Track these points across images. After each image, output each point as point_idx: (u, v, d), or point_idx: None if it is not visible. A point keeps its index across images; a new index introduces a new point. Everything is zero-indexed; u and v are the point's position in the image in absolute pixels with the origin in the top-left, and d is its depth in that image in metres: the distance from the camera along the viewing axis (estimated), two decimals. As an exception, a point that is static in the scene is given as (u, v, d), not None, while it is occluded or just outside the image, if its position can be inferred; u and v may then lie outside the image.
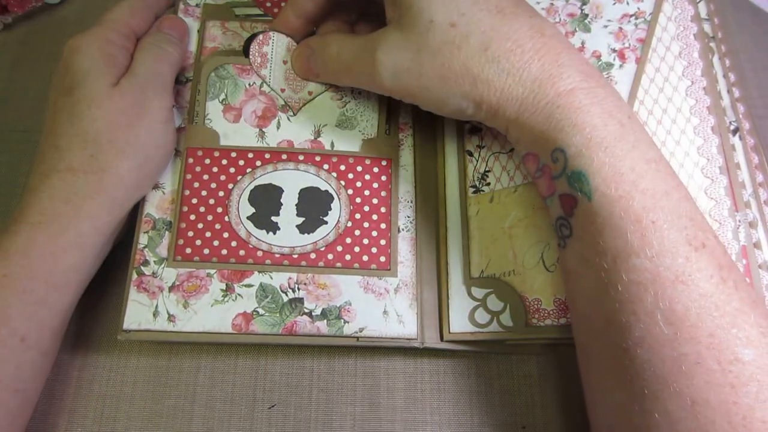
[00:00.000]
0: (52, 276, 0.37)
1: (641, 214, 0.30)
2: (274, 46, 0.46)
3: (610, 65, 0.42)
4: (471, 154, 0.44)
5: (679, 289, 0.29)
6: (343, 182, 0.44)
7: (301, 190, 0.44)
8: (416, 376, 0.44)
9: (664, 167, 0.32)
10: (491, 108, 0.36)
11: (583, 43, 0.43)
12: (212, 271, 0.41)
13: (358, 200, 0.44)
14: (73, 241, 0.38)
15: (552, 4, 0.46)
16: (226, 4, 0.49)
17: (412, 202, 0.45)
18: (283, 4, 0.50)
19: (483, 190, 0.43)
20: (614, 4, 0.44)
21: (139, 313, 0.40)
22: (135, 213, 0.44)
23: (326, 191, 0.44)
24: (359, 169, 0.45)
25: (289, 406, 0.43)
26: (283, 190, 0.44)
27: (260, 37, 0.46)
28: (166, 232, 0.42)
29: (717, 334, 0.28)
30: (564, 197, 0.34)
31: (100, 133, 0.38)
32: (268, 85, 0.45)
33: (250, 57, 0.45)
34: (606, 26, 0.43)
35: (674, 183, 0.32)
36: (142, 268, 0.41)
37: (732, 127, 0.39)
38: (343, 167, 0.45)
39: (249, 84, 0.45)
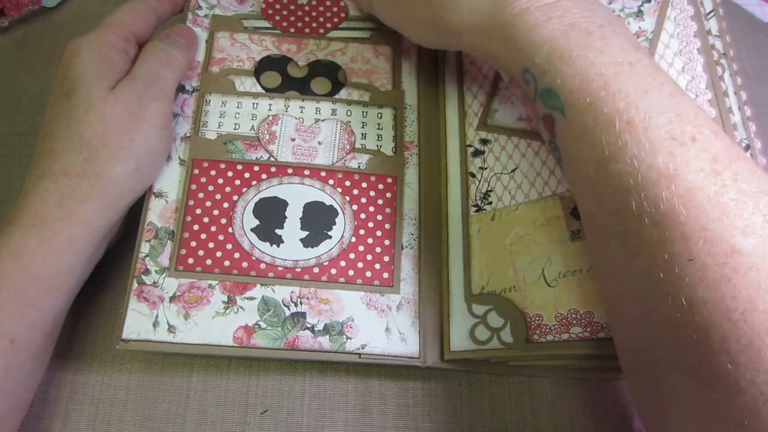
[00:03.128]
0: (43, 279, 0.37)
1: (613, 117, 0.29)
2: (283, 126, 0.46)
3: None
4: (474, 176, 0.44)
5: (663, 187, 0.27)
6: (347, 198, 0.44)
7: (305, 204, 0.44)
8: (408, 383, 0.44)
9: (641, 68, 0.31)
10: (459, 37, 0.37)
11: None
12: (214, 283, 0.41)
13: (362, 216, 0.44)
14: (65, 245, 0.37)
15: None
16: (235, 15, 0.49)
17: (415, 219, 0.45)
18: (292, 18, 0.50)
19: (485, 209, 0.43)
20: (615, 24, 0.44)
21: (138, 322, 0.39)
22: (130, 218, 0.43)
23: (331, 206, 0.44)
24: (364, 185, 0.45)
25: (281, 411, 0.43)
26: (287, 204, 0.43)
27: (270, 117, 0.46)
28: (168, 242, 0.42)
29: (710, 227, 0.26)
30: (545, 119, 0.34)
31: (95, 137, 0.38)
32: (275, 159, 0.45)
33: (259, 134, 0.45)
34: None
35: (656, 81, 0.30)
36: (143, 277, 0.40)
37: (743, 145, 0.39)
38: (348, 183, 0.44)
39: (257, 158, 0.45)
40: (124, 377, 0.43)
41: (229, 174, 0.44)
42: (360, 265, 0.43)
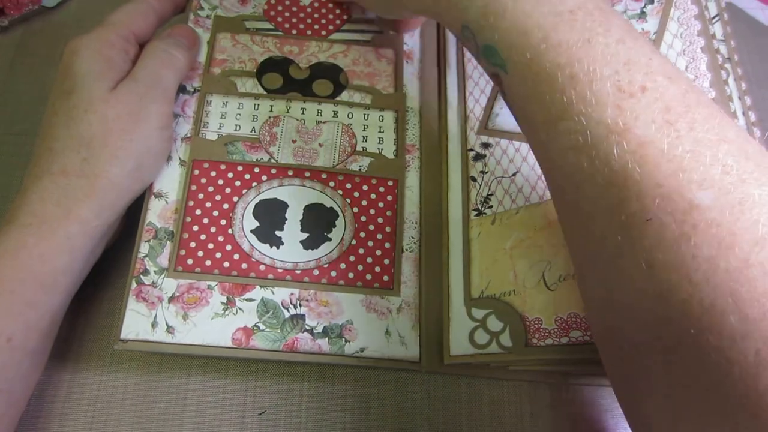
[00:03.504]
0: (40, 277, 0.36)
1: (555, 73, 0.27)
2: (284, 127, 0.46)
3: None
4: (474, 180, 0.44)
5: (612, 143, 0.26)
6: (348, 200, 0.44)
7: (306, 206, 0.43)
8: (407, 384, 0.43)
9: (584, 14, 0.28)
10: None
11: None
12: (213, 284, 0.41)
13: (363, 219, 0.44)
14: (63, 244, 0.37)
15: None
16: (237, 16, 0.49)
17: (416, 223, 0.45)
18: (294, 20, 0.50)
19: (485, 213, 0.43)
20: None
21: (137, 323, 0.39)
22: (128, 217, 0.43)
23: (331, 208, 0.44)
24: (365, 188, 0.44)
25: (279, 412, 0.42)
26: (288, 206, 0.43)
27: (271, 119, 0.46)
28: (168, 242, 0.41)
29: (665, 183, 0.24)
30: (493, 77, 0.32)
31: (95, 137, 0.38)
32: (276, 161, 0.45)
33: (260, 136, 0.45)
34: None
35: (601, 28, 0.28)
36: (142, 277, 0.40)
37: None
38: (349, 185, 0.44)
39: (257, 159, 0.45)
40: (121, 377, 0.43)
41: (230, 175, 0.44)
42: (360, 267, 0.42)
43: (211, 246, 0.42)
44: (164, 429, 0.41)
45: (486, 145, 0.45)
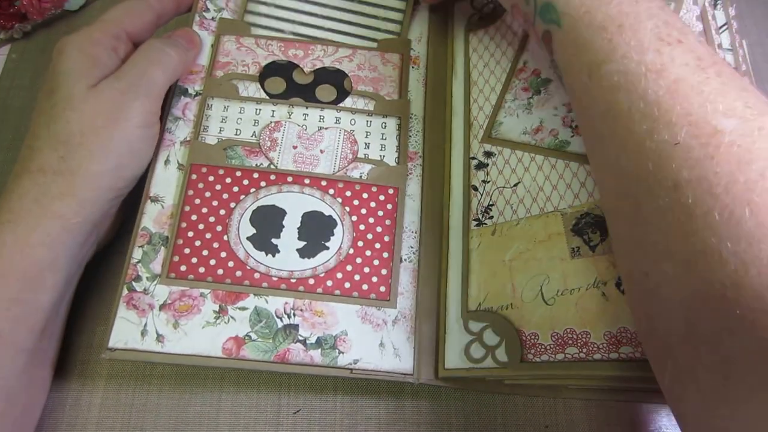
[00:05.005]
0: (23, 273, 0.36)
1: (606, 22, 0.32)
2: (285, 133, 0.45)
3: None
4: (476, 189, 0.43)
5: (651, 79, 0.29)
6: (347, 208, 0.43)
7: (304, 213, 0.43)
8: (402, 399, 0.43)
9: None
10: None
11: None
12: (206, 291, 0.40)
13: (361, 227, 0.43)
14: (42, 240, 0.37)
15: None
16: (242, 20, 0.49)
17: (416, 232, 0.43)
18: (299, 24, 0.49)
19: (486, 223, 0.42)
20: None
21: (126, 331, 0.38)
22: (124, 213, 0.44)
23: (330, 216, 0.43)
24: (365, 196, 0.44)
25: (314, 410, 0.42)
26: (286, 213, 0.42)
27: (272, 124, 0.45)
28: (162, 248, 0.41)
29: (694, 113, 0.28)
30: (545, 37, 0.37)
31: (72, 135, 0.38)
32: (276, 167, 0.44)
33: (260, 141, 0.45)
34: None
35: None
36: (134, 283, 0.40)
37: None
38: (348, 193, 0.43)
39: (257, 165, 0.44)
40: (155, 381, 0.43)
41: (228, 180, 0.43)
42: (357, 277, 0.41)
43: (205, 252, 0.41)
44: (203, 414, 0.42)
45: (489, 154, 0.44)
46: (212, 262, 0.41)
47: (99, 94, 0.39)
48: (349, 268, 0.42)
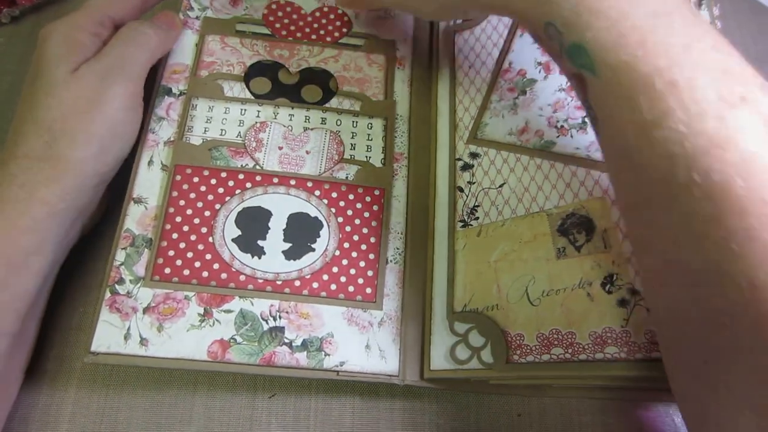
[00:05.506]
0: (9, 258, 0.36)
1: (653, 77, 0.26)
2: (271, 133, 0.45)
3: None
4: (462, 190, 0.43)
5: (715, 156, 0.24)
6: (333, 209, 0.43)
7: (290, 215, 0.42)
8: (390, 401, 0.43)
9: (680, 18, 0.28)
10: None
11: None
12: (191, 294, 0.40)
13: (347, 229, 0.42)
14: (29, 225, 0.37)
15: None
16: (232, 18, 0.48)
17: (402, 233, 0.43)
18: (292, 27, 0.49)
19: (471, 225, 0.42)
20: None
21: (109, 335, 0.38)
22: (108, 205, 0.43)
23: (316, 218, 0.43)
24: (351, 197, 0.43)
25: (288, 394, 0.42)
26: (271, 214, 0.42)
27: (257, 124, 0.45)
28: (146, 250, 0.40)
29: None
30: (575, 77, 0.31)
31: (55, 121, 0.38)
32: (261, 168, 0.44)
33: (246, 141, 0.44)
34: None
35: (698, 33, 0.27)
36: (117, 286, 0.39)
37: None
38: (334, 194, 0.43)
39: (242, 165, 0.44)
40: (131, 380, 0.43)
41: (213, 181, 0.43)
42: (343, 279, 0.41)
43: (190, 255, 0.41)
44: (176, 413, 0.42)
45: (474, 155, 0.43)
46: (197, 264, 0.40)
47: (79, 79, 0.39)
48: (335, 269, 0.41)
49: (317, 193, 0.43)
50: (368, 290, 0.41)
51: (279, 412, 0.42)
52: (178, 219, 0.41)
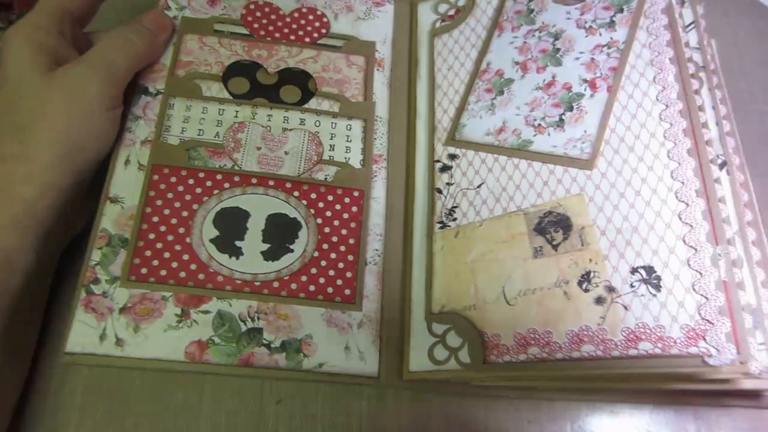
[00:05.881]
0: None
1: None
2: (249, 134, 0.45)
3: (581, 95, 0.41)
4: (440, 191, 0.43)
5: None
6: (312, 211, 0.43)
7: (268, 215, 0.42)
8: (371, 402, 0.42)
9: None
10: None
11: (554, 77, 0.43)
12: (168, 294, 0.39)
13: (326, 230, 0.42)
14: (9, 224, 0.37)
15: (525, 42, 0.45)
16: (206, 18, 0.48)
17: (381, 235, 0.43)
18: (271, 27, 0.49)
19: (449, 226, 0.42)
20: (586, 36, 0.43)
21: (84, 335, 0.38)
22: (94, 210, 0.42)
23: (294, 219, 0.42)
24: (330, 198, 0.43)
25: (296, 400, 0.42)
26: (250, 215, 0.42)
27: (236, 124, 0.45)
28: (122, 250, 0.40)
29: None
30: None
31: (29, 122, 0.38)
32: (240, 168, 0.43)
33: (224, 142, 0.44)
34: (578, 58, 0.43)
35: None
36: (92, 286, 0.39)
37: (719, 161, 0.38)
38: (314, 195, 0.43)
39: (220, 166, 0.43)
40: (137, 370, 0.42)
41: (190, 182, 0.42)
42: (322, 280, 0.41)
43: (167, 255, 0.40)
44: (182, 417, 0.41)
45: (453, 156, 0.44)
46: (174, 264, 0.40)
47: (54, 79, 0.39)
48: (313, 271, 0.41)
49: (296, 194, 0.43)
50: (347, 292, 0.41)
51: (286, 418, 0.41)
52: (155, 219, 0.41)
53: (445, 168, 0.44)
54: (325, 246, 0.42)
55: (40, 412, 0.40)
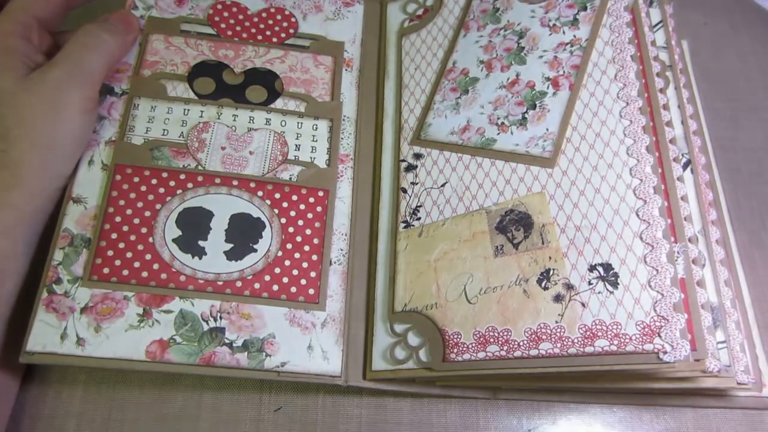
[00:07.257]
0: None
1: None
2: (214, 133, 0.45)
3: (543, 93, 0.41)
4: (405, 191, 0.43)
5: None
6: (276, 210, 0.43)
7: (232, 215, 0.42)
8: (353, 400, 0.43)
9: None
10: None
11: (518, 75, 0.43)
12: (130, 294, 0.39)
13: (290, 230, 0.42)
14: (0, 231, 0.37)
15: (490, 41, 0.45)
16: (173, 18, 0.48)
17: (346, 235, 0.43)
18: (238, 27, 0.49)
19: (413, 225, 0.42)
20: (550, 34, 0.43)
21: (45, 334, 0.37)
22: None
23: (258, 218, 0.42)
24: (294, 198, 0.43)
25: (295, 408, 0.42)
26: (213, 215, 0.42)
27: (200, 124, 0.45)
28: (84, 250, 0.40)
29: None
30: None
31: (9, 129, 0.38)
32: (203, 168, 0.43)
33: (188, 142, 0.44)
34: (541, 56, 0.43)
35: None
36: (54, 286, 0.38)
37: (684, 160, 0.38)
38: (278, 195, 0.43)
39: (184, 166, 0.43)
40: (137, 374, 0.43)
41: (153, 182, 0.42)
42: (285, 280, 0.41)
43: (129, 255, 0.40)
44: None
45: (418, 156, 0.44)
46: (136, 264, 0.40)
47: (32, 84, 0.39)
48: (277, 270, 0.41)
49: (260, 193, 0.43)
50: (311, 291, 0.41)
51: (285, 424, 0.42)
52: (118, 219, 0.41)
53: (411, 167, 0.44)
54: (289, 246, 0.42)
55: (37, 419, 0.41)
